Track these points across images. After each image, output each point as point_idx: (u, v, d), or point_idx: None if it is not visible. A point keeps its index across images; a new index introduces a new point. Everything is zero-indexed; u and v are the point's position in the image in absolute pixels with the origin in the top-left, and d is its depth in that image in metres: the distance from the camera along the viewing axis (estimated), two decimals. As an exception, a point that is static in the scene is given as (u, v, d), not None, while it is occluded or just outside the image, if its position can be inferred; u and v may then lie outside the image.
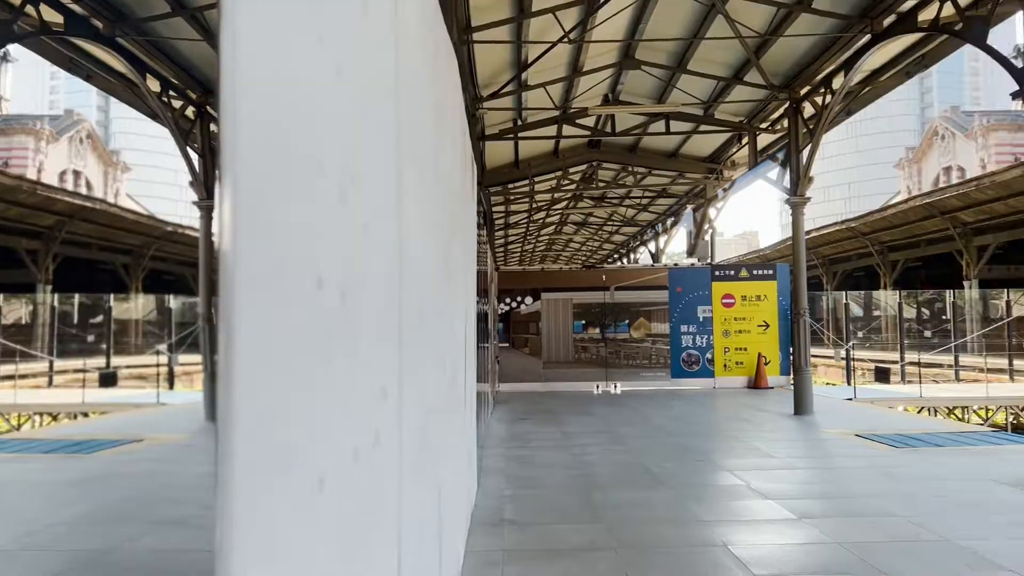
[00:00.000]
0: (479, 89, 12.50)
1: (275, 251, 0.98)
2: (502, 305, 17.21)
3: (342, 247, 1.38)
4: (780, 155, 13.67)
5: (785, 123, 13.85)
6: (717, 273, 17.45)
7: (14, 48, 58.12)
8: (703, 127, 15.74)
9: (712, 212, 19.68)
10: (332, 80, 1.32)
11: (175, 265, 37.36)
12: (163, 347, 20.37)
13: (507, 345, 17.46)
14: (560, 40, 11.11)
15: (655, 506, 6.30)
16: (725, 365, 17.04)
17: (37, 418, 15.95)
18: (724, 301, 17.10)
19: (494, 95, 12.40)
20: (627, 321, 17.52)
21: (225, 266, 0.84)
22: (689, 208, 21.60)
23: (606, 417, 12.20)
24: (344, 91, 1.41)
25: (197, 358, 23.11)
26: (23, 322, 28.48)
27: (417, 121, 2.61)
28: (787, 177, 13.02)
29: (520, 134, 15.01)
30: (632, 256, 33.17)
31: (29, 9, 8.43)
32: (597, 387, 16.48)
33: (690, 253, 20.32)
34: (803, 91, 12.81)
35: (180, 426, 11.41)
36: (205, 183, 12.55)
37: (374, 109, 1.77)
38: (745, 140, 15.92)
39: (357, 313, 1.50)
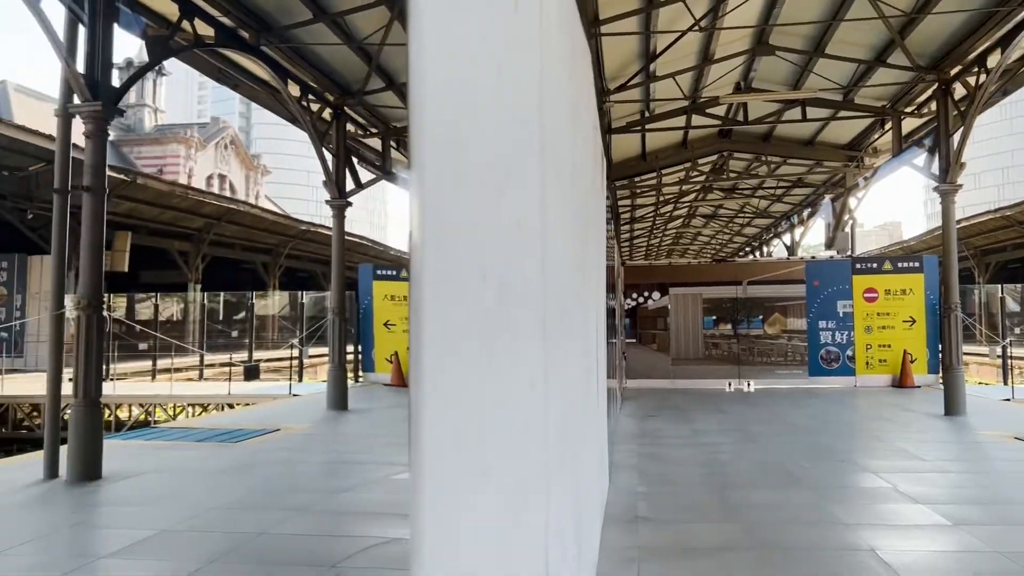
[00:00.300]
0: (606, 82, 12.41)
1: (451, 248, 1.00)
2: (629, 300, 17.04)
3: (500, 244, 1.40)
4: (927, 141, 12.86)
5: (933, 106, 13.01)
6: (858, 266, 16.62)
7: (168, 62, 62.48)
8: (842, 113, 15.03)
9: (852, 202, 18.78)
10: (493, 79, 1.33)
11: (307, 263, 39.08)
12: (295, 341, 21.36)
13: (634, 341, 17.27)
14: (690, 28, 10.88)
15: (794, 507, 6.08)
16: (867, 363, 16.22)
17: (190, 409, 17.07)
18: (866, 295, 16.27)
19: (621, 88, 12.28)
20: (760, 317, 16.96)
21: (414, 262, 0.87)
22: (827, 198, 20.67)
23: (739, 415, 11.88)
24: (503, 90, 1.42)
25: (324, 350, 24.18)
26: (175, 319, 30.53)
27: (557, 118, 2.61)
28: (935, 164, 12.24)
29: (648, 126, 14.82)
30: (765, 249, 32.11)
31: (184, 24, 9.02)
32: (728, 385, 16.05)
33: (828, 245, 19.46)
34: (953, 71, 11.98)
35: (308, 416, 11.96)
36: (337, 183, 13.06)
37: (523, 108, 1.78)
38: (888, 125, 15.07)
39: (511, 307, 1.52)
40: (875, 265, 16.66)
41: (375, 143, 15.50)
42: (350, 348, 16.96)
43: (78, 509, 6.18)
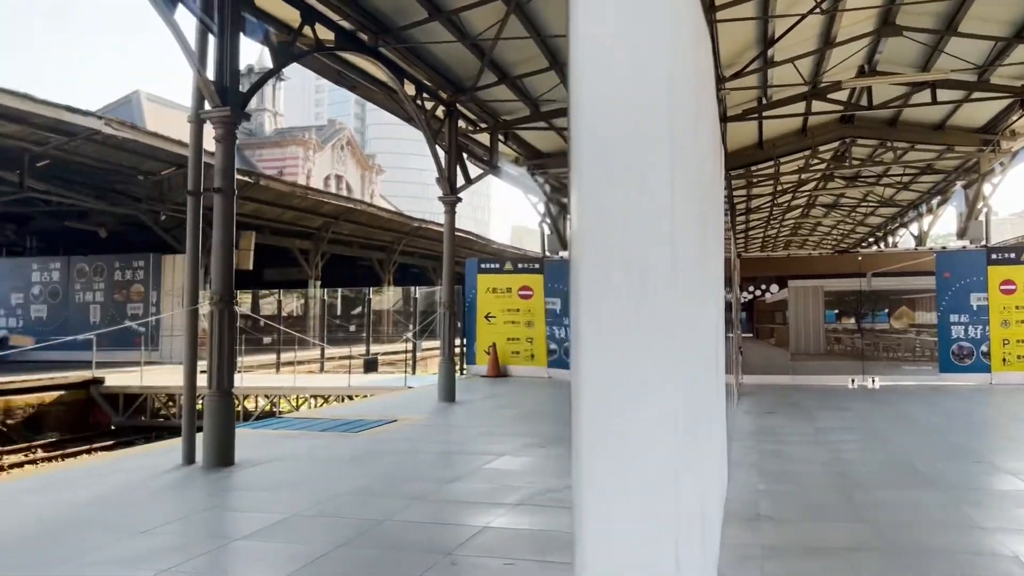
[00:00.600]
0: (722, 69, 12.10)
1: (601, 242, 1.00)
2: (745, 293, 16.58)
3: (640, 236, 1.38)
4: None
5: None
6: (994, 256, 15.56)
7: (288, 68, 65.09)
8: (976, 94, 14.11)
9: (987, 189, 17.62)
10: (631, 79, 1.32)
11: (419, 259, 39.94)
12: (409, 335, 21.88)
13: (750, 336, 16.79)
14: (811, 11, 10.47)
15: (926, 508, 5.77)
16: (1004, 359, 15.19)
17: (312, 400, 17.75)
18: (1003, 288, 15.22)
19: (737, 74, 11.95)
20: (886, 310, 16.15)
21: (573, 254, 0.88)
22: (959, 185, 19.48)
23: (863, 412, 11.37)
24: (640, 88, 1.41)
25: (435, 343, 24.67)
26: (296, 314, 31.80)
27: (684, 110, 2.57)
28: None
29: (765, 113, 14.35)
30: (890, 240, 30.59)
31: (306, 30, 9.37)
32: (852, 381, 15.37)
33: (960, 235, 18.33)
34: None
35: (422, 408, 12.23)
36: (449, 179, 13.27)
37: (657, 102, 1.76)
38: (1028, 105, 14.06)
39: (649, 299, 1.50)
40: (1013, 255, 15.56)
41: (483, 138, 15.69)
42: (458, 341, 17.25)
43: (214, 493, 6.54)
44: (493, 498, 6.23)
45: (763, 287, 16.83)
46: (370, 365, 20.86)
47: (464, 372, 17.80)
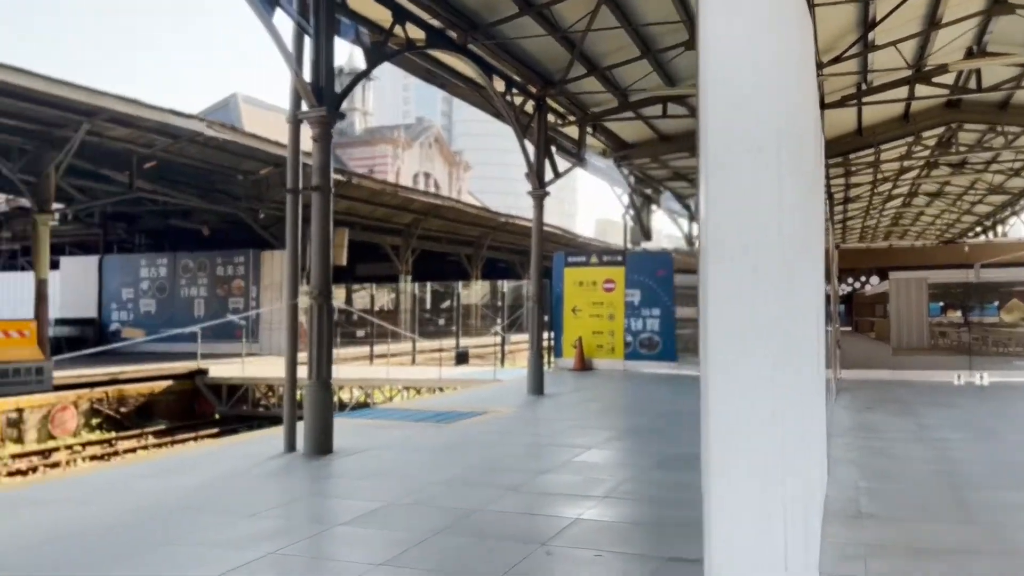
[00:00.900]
0: (819, 55, 11.71)
1: (724, 226, 1.00)
2: (843, 286, 16.03)
3: (753, 222, 1.37)
4: None
5: None
6: (1117, 244, 14.59)
7: (377, 68, 66.42)
8: (1096, 72, 13.24)
9: (1108, 172, 16.51)
10: (751, 74, 1.31)
11: (506, 253, 40.18)
12: (497, 328, 22.06)
13: (849, 329, 16.23)
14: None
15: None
16: None
17: (404, 391, 18.12)
18: None
19: (836, 59, 11.54)
20: (996, 303, 15.34)
21: (702, 239, 0.90)
22: (1076, 170, 18.33)
23: (972, 410, 10.85)
24: (757, 78, 1.39)
25: (521, 337, 24.79)
26: (387, 308, 32.47)
27: (789, 96, 2.52)
28: None
29: (864, 99, 13.82)
30: (1000, 229, 29.03)
31: (396, 29, 9.55)
32: (958, 377, 14.67)
33: (1080, 223, 17.25)
34: None
35: (511, 400, 12.32)
36: (538, 173, 13.29)
37: (765, 90, 1.74)
38: None
39: (761, 284, 1.48)
40: None
41: (571, 131, 15.65)
42: (545, 335, 17.29)
43: (314, 480, 6.77)
44: (582, 490, 6.24)
45: (863, 279, 16.24)
46: (461, 358, 21.14)
47: (551, 365, 17.84)
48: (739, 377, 1.11)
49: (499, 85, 12.31)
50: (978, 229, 32.45)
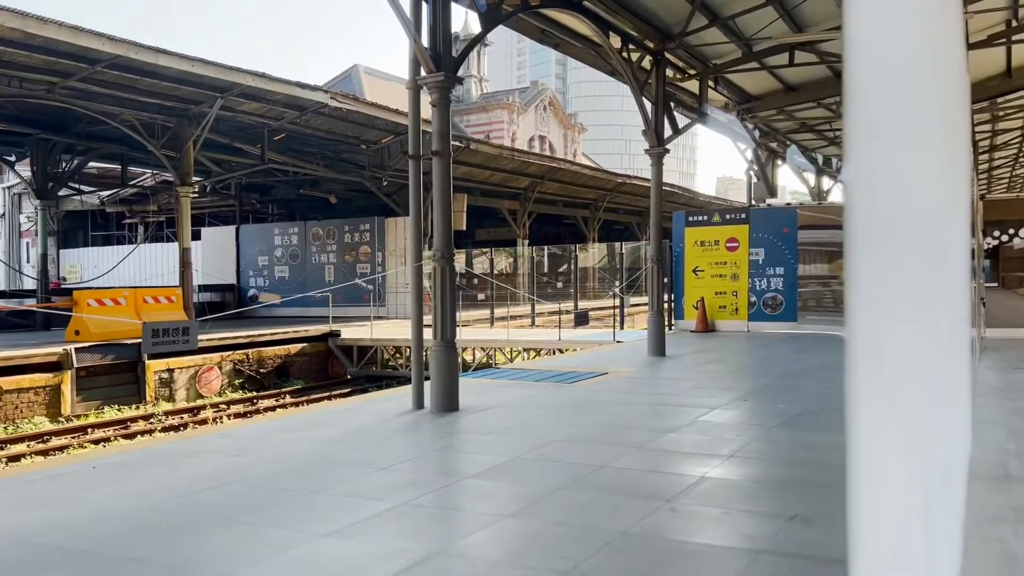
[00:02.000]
0: (960, -9, 10.88)
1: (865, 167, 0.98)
2: (988, 239, 14.98)
3: (898, 187, 1.33)
4: None
5: None
6: None
7: (491, 34, 66.59)
8: None
9: None
10: (904, 23, 1.25)
11: (623, 215, 39.69)
12: (616, 289, 21.92)
13: (995, 285, 15.18)
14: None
15: None
16: None
17: (524, 353, 18.35)
18: None
19: (980, -5, 10.70)
20: None
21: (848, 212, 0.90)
22: None
23: None
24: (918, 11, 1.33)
25: (639, 299, 24.52)
26: (506, 272, 32.87)
27: (935, 36, 2.37)
28: None
29: (1015, 36, 12.75)
30: None
31: (512, -10, 9.52)
32: (1121, 335, 13.52)
33: None
34: None
35: (631, 361, 12.24)
36: (656, 130, 13.01)
37: (922, 27, 1.66)
38: None
39: (909, 243, 1.44)
40: None
41: (691, 85, 15.21)
42: (666, 296, 17.07)
43: (442, 435, 6.99)
44: (707, 449, 6.18)
45: (1011, 232, 15.13)
46: (581, 319, 21.18)
47: (672, 327, 17.61)
48: (885, 336, 1.10)
49: (615, 42, 12.09)
50: None
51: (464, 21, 48.79)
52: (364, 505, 4.80)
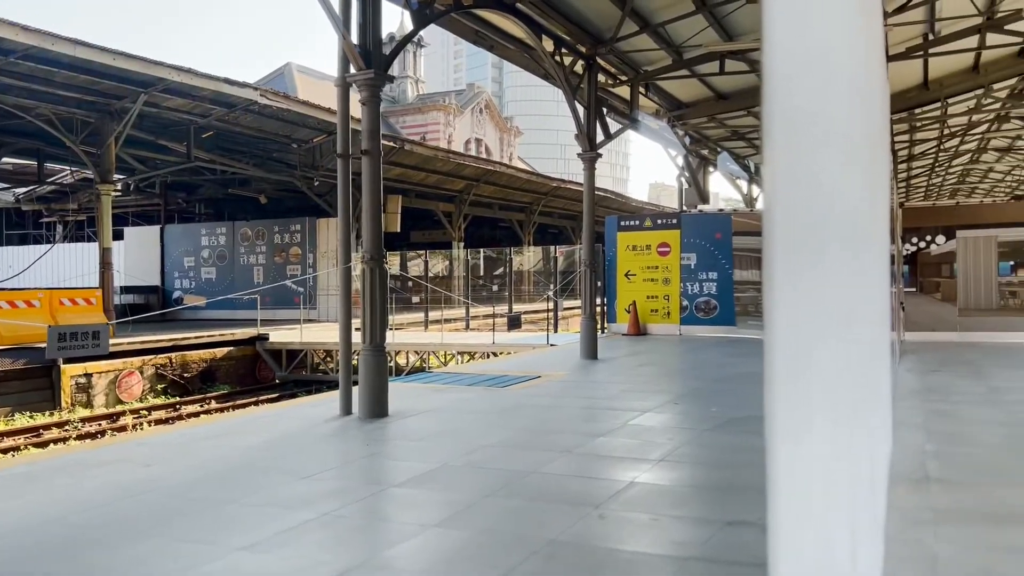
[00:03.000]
0: (884, 3, 11.21)
1: (787, 169, 0.91)
2: (907, 246, 15.51)
3: (813, 173, 1.28)
4: None
5: None
6: None
7: (425, 34, 66.32)
8: None
9: None
10: (823, 32, 1.20)
11: (558, 218, 39.93)
12: (550, 293, 22.02)
13: (913, 290, 15.73)
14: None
15: None
16: None
17: (458, 356, 18.25)
18: None
19: (901, 8, 11.04)
20: (1071, 260, 14.69)
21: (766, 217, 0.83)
22: None
23: (1046, 372, 10.42)
24: (828, 34, 1.28)
25: (575, 302, 24.68)
26: (441, 275, 32.71)
27: (855, 44, 2.37)
28: None
29: (931, 50, 13.22)
30: (1075, 184, 27.73)
31: (445, -10, 9.41)
32: (1029, 338, 14.14)
33: None
34: None
35: (564, 364, 12.25)
36: (588, 135, 13.06)
37: (843, 39, 1.64)
38: None
39: (827, 255, 1.40)
40: None
41: (623, 91, 15.33)
42: (599, 299, 17.17)
43: (370, 442, 6.83)
44: (638, 453, 6.17)
45: (928, 238, 15.70)
46: (514, 322, 21.17)
47: (605, 330, 17.73)
48: (803, 340, 1.03)
49: (548, 45, 12.09)
50: (1052, 185, 31.06)
51: (400, 22, 48.47)
52: (285, 516, 4.62)
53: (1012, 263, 15.15)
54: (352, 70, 7.93)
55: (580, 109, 13.03)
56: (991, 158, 27.01)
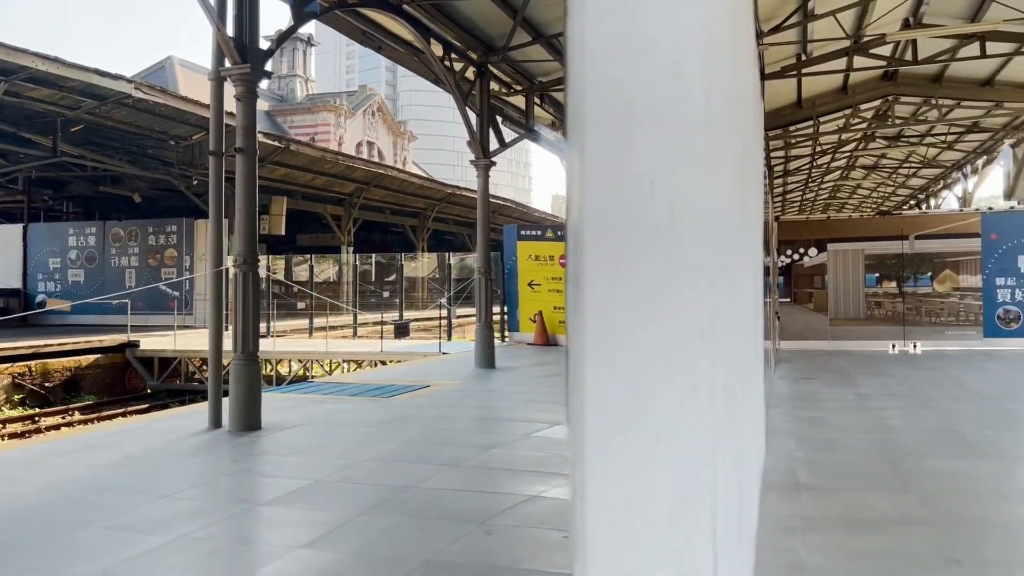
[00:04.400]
0: (759, 23, 11.61)
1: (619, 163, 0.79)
2: (782, 257, 16.18)
3: (672, 177, 1.18)
4: None
5: None
6: (1044, 217, 14.97)
7: (316, 33, 64.91)
8: (1029, 46, 13.45)
9: (1037, 147, 16.90)
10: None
11: (454, 226, 39.77)
12: (443, 300, 21.84)
13: (788, 300, 16.41)
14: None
15: (978, 478, 5.49)
16: (1053, 324, 14.67)
17: (345, 365, 17.78)
18: (1053, 249, 14.65)
19: (776, 29, 11.48)
20: (929, 273, 15.67)
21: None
22: (1007, 144, 18.75)
23: (907, 379, 11.02)
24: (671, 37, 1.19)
25: (471, 310, 24.61)
26: (330, 280, 31.94)
27: (722, 58, 2.34)
28: None
29: (804, 70, 13.83)
30: (933, 202, 29.75)
31: (329, -14, 9.12)
32: (893, 346, 14.97)
33: (1008, 195, 17.69)
34: None
35: (457, 373, 12.09)
36: (481, 142, 12.98)
37: (696, 37, 1.55)
38: (1085, 57, 13.37)
39: (682, 250, 1.30)
40: (1065, 216, 14.95)
41: (518, 101, 15.33)
42: (497, 308, 17.09)
43: (239, 458, 6.47)
44: (535, 466, 6.01)
45: (801, 251, 16.42)
46: (401, 330, 20.84)
47: (507, 339, 17.66)
48: (610, 349, 0.89)
49: (437, 50, 11.93)
50: (912, 202, 33.22)
51: (289, 21, 47.11)
52: (138, 540, 4.27)
53: (877, 275, 16.03)
54: (227, 64, 7.55)
55: (473, 116, 12.93)
56: (859, 175, 28.66)
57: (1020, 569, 3.80)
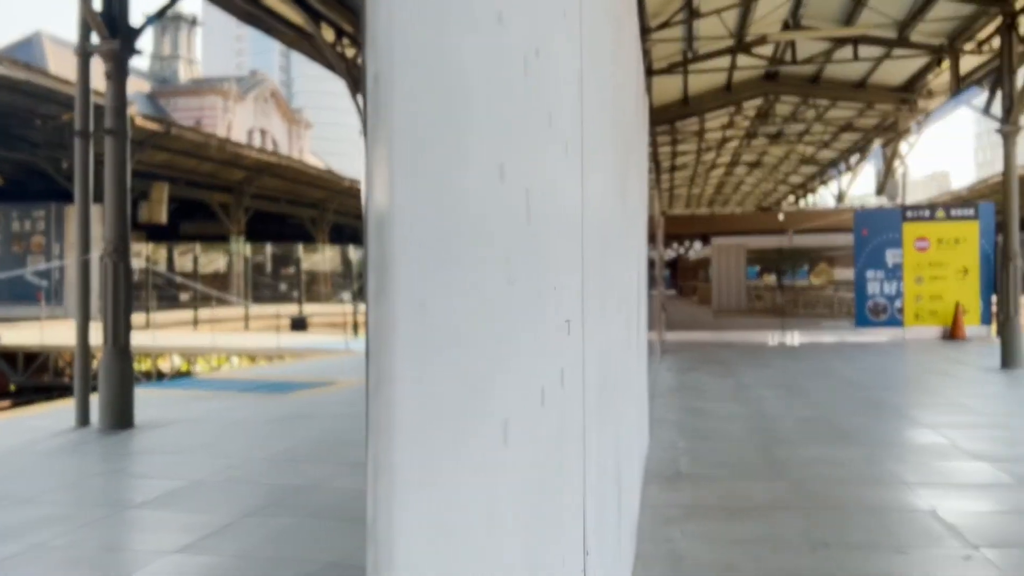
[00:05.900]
0: (647, 19, 11.84)
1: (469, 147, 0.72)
2: (669, 251, 16.62)
3: (535, 169, 1.12)
4: (987, 81, 12.15)
5: (996, 42, 12.21)
6: (909, 214, 15.94)
7: (200, 11, 62.26)
8: (896, 52, 14.23)
9: (904, 147, 17.99)
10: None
11: (355, 219, 39.02)
12: (347, 296, 21.36)
13: (674, 293, 16.89)
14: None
15: (846, 464, 5.76)
16: (917, 314, 15.65)
17: (235, 359, 17.12)
18: (917, 245, 15.63)
19: (663, 25, 11.71)
20: (806, 267, 16.44)
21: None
22: (877, 144, 19.87)
23: (784, 369, 11.52)
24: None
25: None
26: (220, 272, 30.73)
27: (599, 48, 2.32)
28: (996, 104, 11.55)
29: (690, 67, 14.19)
30: (811, 198, 31.24)
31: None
32: (772, 337, 15.64)
33: (879, 192, 18.75)
34: (1019, 3, 11.21)
35: (364, 370, 11.79)
36: (375, 132, 12.72)
37: (563, 30, 1.51)
38: (945, 64, 14.25)
39: (543, 238, 1.26)
40: (928, 213, 15.97)
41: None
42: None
43: (108, 458, 6.11)
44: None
45: (687, 244, 16.92)
46: (298, 324, 20.20)
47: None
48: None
49: (328, 35, 11.58)
50: (791, 198, 34.79)
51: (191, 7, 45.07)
52: (-14, 551, 3.95)
53: (758, 268, 16.70)
54: (95, 39, 7.08)
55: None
56: (742, 171, 29.78)
57: (883, 551, 3.99)
